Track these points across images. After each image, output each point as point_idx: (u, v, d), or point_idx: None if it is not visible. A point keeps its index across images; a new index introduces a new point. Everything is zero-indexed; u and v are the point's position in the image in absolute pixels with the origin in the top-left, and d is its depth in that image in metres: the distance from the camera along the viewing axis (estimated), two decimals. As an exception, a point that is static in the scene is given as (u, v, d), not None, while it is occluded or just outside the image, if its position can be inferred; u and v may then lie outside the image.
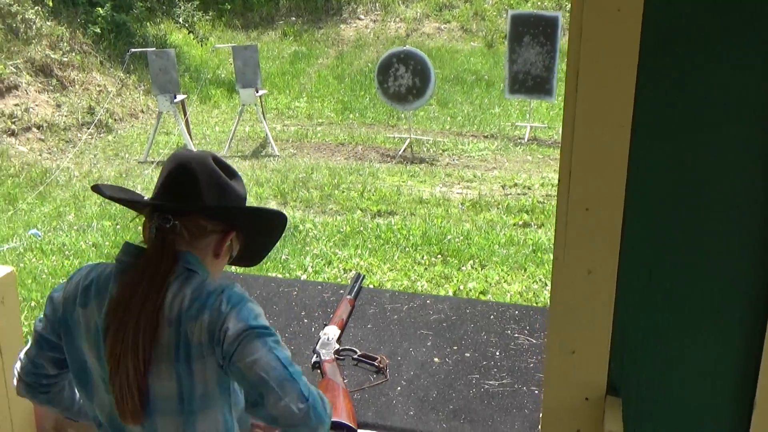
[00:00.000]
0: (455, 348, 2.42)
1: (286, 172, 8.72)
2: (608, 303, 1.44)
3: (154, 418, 1.54)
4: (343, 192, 7.88)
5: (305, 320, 2.60)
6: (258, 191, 7.98)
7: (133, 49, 11.30)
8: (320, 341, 2.38)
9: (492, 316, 2.64)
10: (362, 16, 17.79)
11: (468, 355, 2.38)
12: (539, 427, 1.76)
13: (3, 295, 2.08)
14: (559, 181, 1.41)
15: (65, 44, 11.84)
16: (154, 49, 10.86)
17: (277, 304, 2.71)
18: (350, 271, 5.63)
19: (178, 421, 1.54)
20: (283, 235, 1.73)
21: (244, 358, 1.46)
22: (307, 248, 6.08)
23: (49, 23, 11.94)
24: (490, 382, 2.22)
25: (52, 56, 11.32)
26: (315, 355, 2.32)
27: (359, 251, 6.02)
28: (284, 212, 1.86)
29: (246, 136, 11.01)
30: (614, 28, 1.29)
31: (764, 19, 1.25)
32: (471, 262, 5.76)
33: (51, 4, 12.07)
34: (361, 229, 6.57)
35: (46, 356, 1.64)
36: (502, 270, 5.61)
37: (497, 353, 2.39)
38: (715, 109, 1.32)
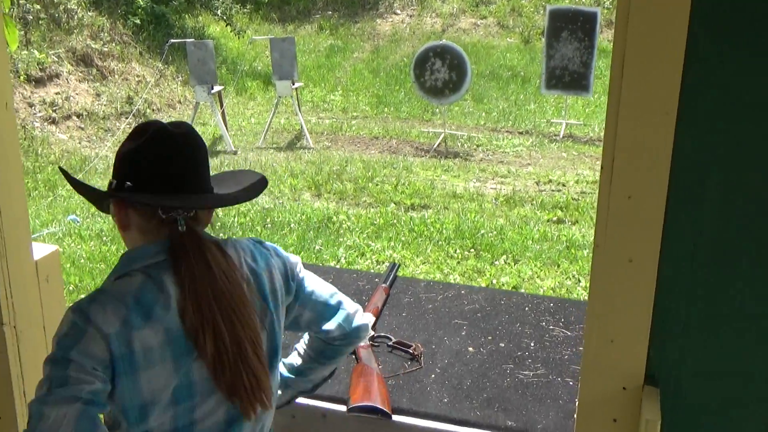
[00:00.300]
0: (489, 338, 2.42)
1: (320, 164, 8.76)
2: (648, 292, 1.44)
3: None
4: (376, 185, 7.90)
5: (340, 307, 2.62)
6: (293, 182, 8.04)
7: (172, 40, 11.43)
8: (355, 328, 2.40)
9: (527, 308, 2.64)
10: (398, 11, 17.78)
11: (502, 345, 2.38)
12: (575, 416, 1.76)
13: (48, 273, 2.13)
14: (601, 168, 1.41)
15: (105, 34, 12.01)
16: (193, 40, 10.96)
17: (312, 291, 2.73)
18: (383, 263, 5.65)
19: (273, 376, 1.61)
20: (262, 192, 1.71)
21: (310, 280, 1.71)
22: (341, 239, 6.11)
23: (90, 14, 12.12)
24: (525, 373, 2.22)
25: (93, 46, 11.50)
26: (350, 341, 2.34)
27: (392, 243, 6.04)
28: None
29: (281, 128, 11.08)
30: (661, 14, 1.29)
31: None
32: (504, 257, 5.75)
33: (92, -6, 12.28)
34: (395, 221, 6.59)
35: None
36: (535, 265, 5.59)
37: (532, 344, 2.39)
38: (763, 99, 1.31)
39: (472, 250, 5.93)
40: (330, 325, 1.72)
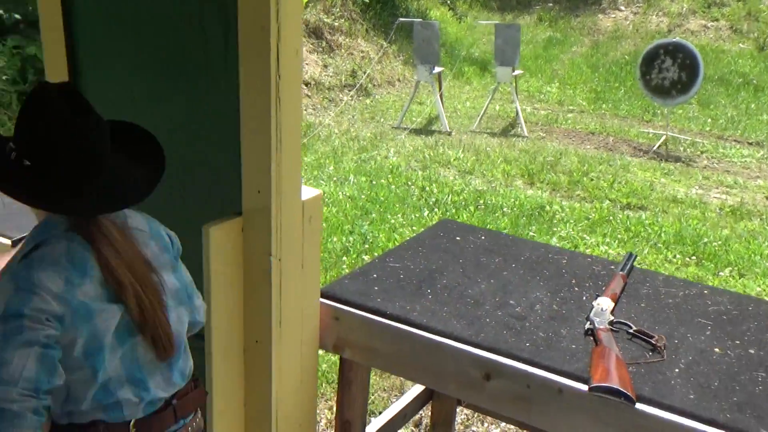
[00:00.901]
0: (737, 342, 2.29)
1: (534, 154, 8.66)
2: None
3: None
4: (591, 180, 7.69)
5: (575, 288, 2.58)
6: (506, 168, 8.01)
7: (401, 19, 11.72)
8: (593, 310, 2.35)
9: (778, 317, 2.46)
10: (622, 7, 17.15)
11: (752, 351, 2.24)
12: None
13: (311, 214, 2.25)
14: None
15: (337, 10, 12.54)
16: (420, 20, 11.18)
17: (547, 269, 2.71)
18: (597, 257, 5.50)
19: (185, 308, 1.77)
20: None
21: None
22: (554, 229, 6.02)
23: (325, -11, 12.74)
24: (779, 382, 2.08)
25: (325, 20, 12.05)
26: (588, 323, 2.30)
27: (607, 239, 5.86)
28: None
29: (496, 114, 11.06)
30: None
31: None
32: (729, 269, 5.40)
33: (331, -30, 12.86)
34: (610, 218, 6.39)
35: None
36: (764, 282, 5.21)
37: (786, 355, 2.23)
38: None
39: (693, 257, 5.62)
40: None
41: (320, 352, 2.48)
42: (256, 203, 2.08)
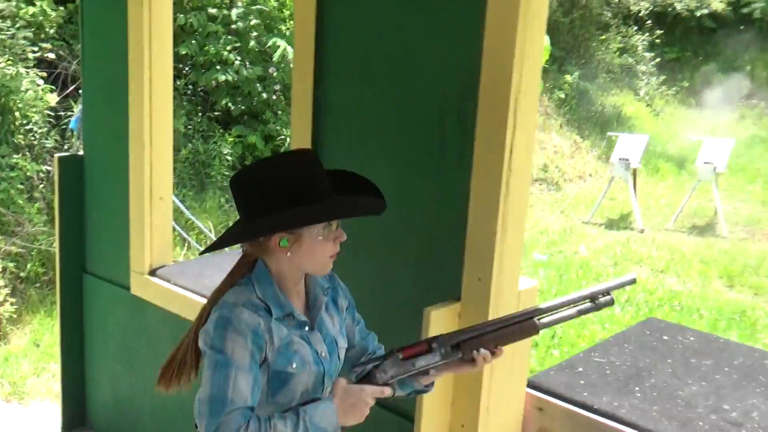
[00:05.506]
0: None
1: (734, 255, 8.25)
2: None
3: None
4: (802, 286, 7.20)
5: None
6: (703, 269, 7.69)
7: (610, 133, 11.83)
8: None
9: None
10: (833, 103, 16.14)
11: None
12: None
13: (526, 304, 2.31)
14: None
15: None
16: (628, 134, 11.24)
17: (762, 375, 2.60)
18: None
19: None
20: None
21: None
22: (758, 335, 5.69)
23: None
24: None
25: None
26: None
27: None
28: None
29: (693, 212, 10.66)
30: None
31: None
32: None
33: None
34: (825, 328, 5.94)
35: None
36: None
37: None
38: None
39: None
40: None
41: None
42: (476, 290, 2.18)
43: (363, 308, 1.92)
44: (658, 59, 16.38)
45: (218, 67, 7.90)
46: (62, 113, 6.98)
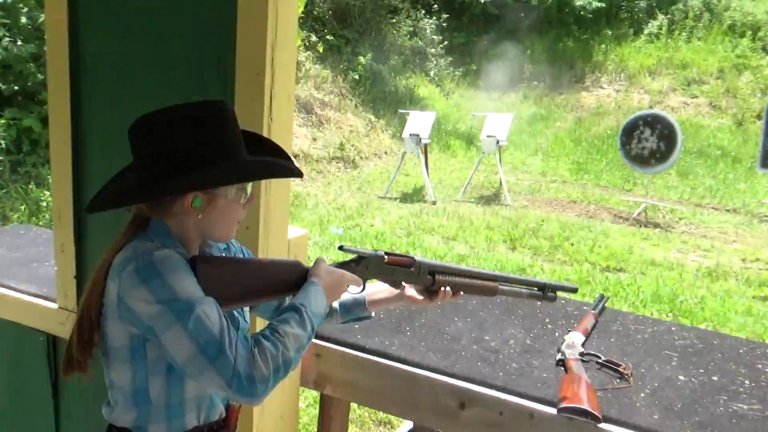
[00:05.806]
0: (701, 371, 2.41)
1: (516, 221, 8.86)
2: None
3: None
4: (572, 245, 7.87)
5: (549, 326, 2.71)
6: (488, 235, 8.18)
7: (400, 110, 12.15)
8: (565, 343, 2.48)
9: (741, 351, 2.59)
10: (605, 86, 17.69)
11: (715, 378, 2.36)
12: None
13: (296, 252, 2.38)
14: None
15: (328, 86, 12.95)
16: (418, 111, 11.61)
17: (522, 310, 2.84)
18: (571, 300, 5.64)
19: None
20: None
21: None
22: (534, 288, 6.14)
23: (316, 66, 13.14)
24: (739, 405, 2.19)
25: (315, 95, 12.42)
26: (559, 354, 2.42)
27: (586, 299, 5.98)
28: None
29: (480, 184, 11.32)
30: None
31: None
32: (704, 324, 5.53)
33: (321, 50, 13.29)
34: (590, 279, 6.54)
35: None
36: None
37: (746, 382, 2.34)
38: None
39: (670, 314, 5.75)
40: None
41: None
42: (245, 239, 2.20)
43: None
44: (446, 42, 17.14)
45: (-16, 44, 7.32)
46: None
